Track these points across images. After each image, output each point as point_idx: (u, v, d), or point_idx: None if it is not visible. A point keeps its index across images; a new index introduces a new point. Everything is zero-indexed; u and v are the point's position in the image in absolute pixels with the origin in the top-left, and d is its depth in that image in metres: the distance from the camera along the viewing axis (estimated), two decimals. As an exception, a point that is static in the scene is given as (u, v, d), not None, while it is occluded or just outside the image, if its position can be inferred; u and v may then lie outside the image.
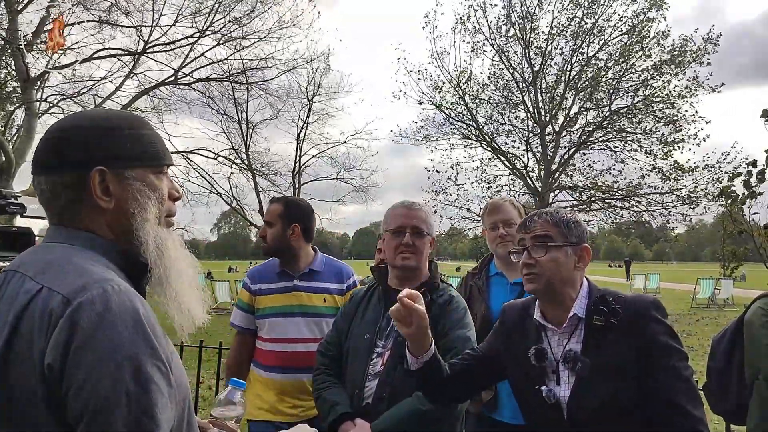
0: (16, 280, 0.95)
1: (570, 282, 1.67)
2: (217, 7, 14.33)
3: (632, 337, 1.57)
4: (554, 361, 1.66)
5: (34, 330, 0.86)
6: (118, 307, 0.88)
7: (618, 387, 1.55)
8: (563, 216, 1.71)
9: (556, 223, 1.68)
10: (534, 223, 1.70)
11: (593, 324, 1.61)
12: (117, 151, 1.03)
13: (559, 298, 1.67)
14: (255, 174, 24.22)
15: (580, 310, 1.65)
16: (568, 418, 1.61)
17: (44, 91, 13.29)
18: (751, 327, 2.10)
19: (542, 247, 1.65)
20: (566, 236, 1.66)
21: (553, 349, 1.68)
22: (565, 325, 1.66)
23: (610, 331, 1.59)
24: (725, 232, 6.33)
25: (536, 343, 1.69)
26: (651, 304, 1.62)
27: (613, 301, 1.62)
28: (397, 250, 2.13)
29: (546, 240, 1.65)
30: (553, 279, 1.64)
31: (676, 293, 21.94)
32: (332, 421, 2.01)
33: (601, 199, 17.19)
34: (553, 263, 1.64)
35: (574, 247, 1.67)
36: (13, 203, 2.20)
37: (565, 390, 1.63)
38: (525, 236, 1.70)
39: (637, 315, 1.59)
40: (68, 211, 1.02)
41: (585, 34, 16.71)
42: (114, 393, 0.83)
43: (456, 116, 17.68)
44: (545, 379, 1.67)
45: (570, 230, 1.67)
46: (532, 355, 1.67)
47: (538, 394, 1.64)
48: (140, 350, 0.87)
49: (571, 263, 1.66)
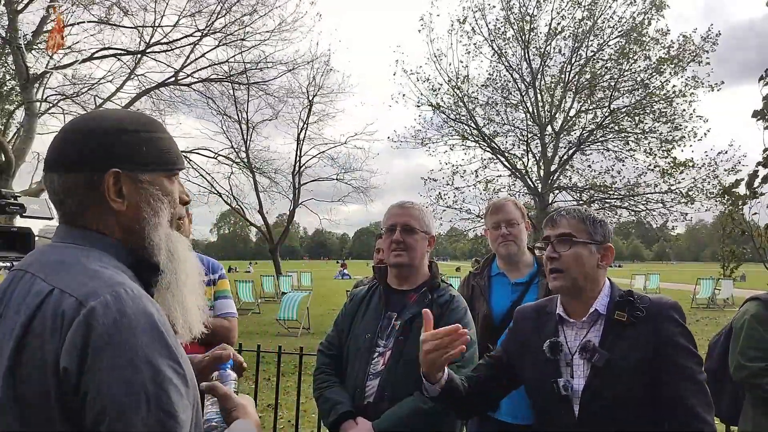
0: (26, 280, 0.95)
1: (592, 279, 1.70)
2: (218, 9, 14.34)
3: (650, 336, 1.59)
4: (569, 354, 1.68)
5: (46, 332, 0.86)
6: (133, 311, 0.88)
7: (632, 383, 1.57)
8: (589, 214, 1.74)
9: (582, 220, 1.71)
10: (560, 219, 1.73)
11: (614, 319, 1.64)
12: (132, 153, 1.03)
13: (581, 294, 1.70)
14: (255, 174, 24.20)
15: (601, 307, 1.68)
16: (580, 411, 1.62)
17: (44, 91, 13.31)
18: (735, 328, 2.29)
19: (566, 243, 1.68)
20: (591, 234, 1.69)
21: (569, 342, 1.70)
22: (584, 319, 1.69)
23: (629, 328, 1.62)
24: (725, 232, 6.34)
25: (552, 337, 1.72)
26: (672, 306, 1.65)
27: (637, 299, 1.65)
28: (390, 248, 2.15)
29: (571, 236, 1.68)
30: (576, 275, 1.67)
31: (676, 293, 21.93)
32: (334, 420, 2.02)
33: (600, 199, 17.20)
34: (577, 259, 1.67)
35: (597, 245, 1.70)
36: (13, 203, 2.20)
37: (579, 382, 1.64)
38: (551, 232, 1.73)
39: (658, 315, 1.62)
40: (80, 211, 1.02)
41: (584, 35, 16.72)
42: (134, 396, 0.84)
43: (455, 117, 17.69)
44: (560, 372, 1.68)
45: (595, 228, 1.70)
46: (547, 348, 1.69)
47: (552, 387, 1.66)
48: (157, 353, 0.87)
49: (594, 261, 1.69)
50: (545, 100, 17.69)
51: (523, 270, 2.64)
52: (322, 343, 2.31)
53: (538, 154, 17.81)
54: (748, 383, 2.25)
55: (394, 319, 2.12)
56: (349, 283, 23.23)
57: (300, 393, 3.72)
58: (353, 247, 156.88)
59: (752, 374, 2.21)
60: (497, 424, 2.46)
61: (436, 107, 17.50)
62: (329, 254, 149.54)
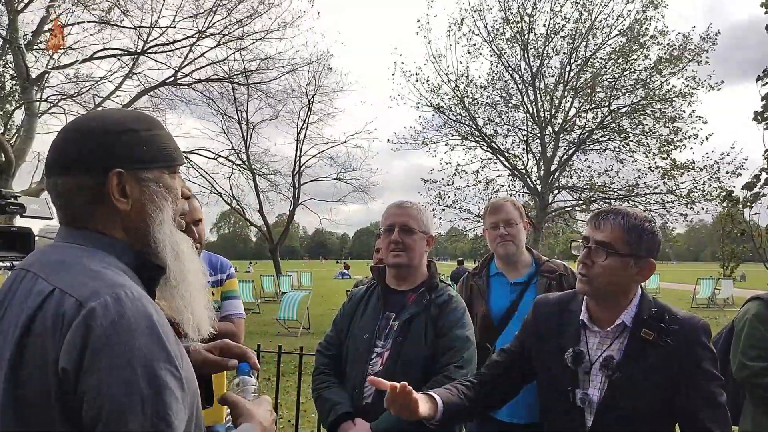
0: (28, 280, 0.95)
1: (623, 290, 1.61)
2: (216, 8, 14.33)
3: (677, 357, 1.54)
4: (589, 364, 1.62)
5: (47, 332, 0.87)
6: (133, 313, 0.88)
7: (650, 399, 1.54)
8: (639, 224, 1.58)
9: (628, 230, 1.56)
10: (605, 223, 1.59)
11: (640, 335, 1.57)
12: (134, 153, 1.03)
13: (609, 303, 1.63)
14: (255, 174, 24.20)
15: (628, 319, 1.61)
16: (594, 422, 1.58)
17: (44, 91, 13.30)
18: (736, 327, 2.28)
19: (603, 253, 1.57)
20: (633, 247, 1.56)
21: (591, 351, 1.64)
22: (609, 329, 1.62)
23: (655, 347, 1.56)
24: (724, 231, 6.34)
25: (574, 344, 1.65)
26: (701, 329, 1.59)
27: (668, 321, 1.57)
28: (388, 248, 2.15)
29: (609, 247, 1.56)
30: (605, 286, 1.59)
31: (676, 293, 21.92)
32: (332, 420, 2.02)
33: (600, 198, 17.20)
34: (609, 272, 1.57)
35: (637, 259, 1.57)
36: (13, 203, 2.20)
37: (595, 392, 1.61)
38: (591, 234, 1.61)
39: (686, 337, 1.56)
40: (83, 212, 1.02)
41: (582, 36, 16.71)
42: (129, 398, 0.84)
43: (455, 118, 17.68)
44: (578, 382, 1.63)
45: (640, 241, 1.57)
46: (569, 357, 1.62)
47: (568, 395, 1.61)
48: (155, 356, 0.88)
49: (629, 275, 1.58)
50: (545, 100, 17.68)
51: (521, 270, 2.65)
52: (320, 343, 2.31)
53: (538, 154, 17.80)
54: (749, 383, 2.26)
55: (393, 320, 2.12)
56: (349, 283, 23.22)
57: (300, 393, 3.72)
58: (353, 247, 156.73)
59: (753, 374, 2.21)
60: (497, 424, 2.46)
61: (436, 108, 17.50)
62: (328, 254, 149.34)
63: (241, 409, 1.15)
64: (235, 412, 1.16)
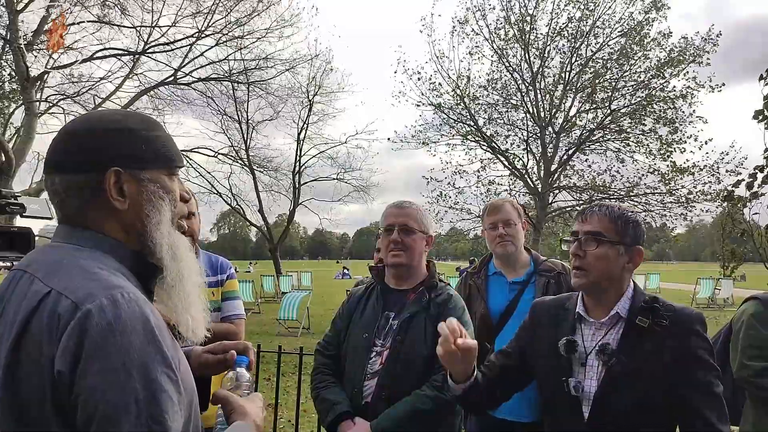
0: (25, 281, 0.95)
1: (617, 280, 1.65)
2: (215, 7, 14.34)
3: (672, 347, 1.56)
4: (584, 354, 1.65)
5: (43, 333, 0.87)
6: (128, 316, 0.88)
7: (647, 389, 1.55)
8: (623, 213, 1.65)
9: (613, 219, 1.63)
10: (591, 215, 1.66)
11: (635, 324, 1.60)
12: (132, 152, 1.03)
13: (603, 294, 1.66)
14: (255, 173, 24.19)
15: (622, 310, 1.64)
16: (590, 414, 1.60)
17: (44, 91, 13.30)
18: (734, 327, 2.30)
19: (594, 242, 1.62)
20: (621, 235, 1.62)
21: (585, 342, 1.67)
22: (604, 320, 1.65)
23: (650, 334, 1.58)
24: (724, 231, 6.33)
25: (568, 335, 1.68)
26: (696, 318, 1.61)
27: (662, 306, 1.61)
28: (388, 248, 2.15)
29: (599, 235, 1.62)
30: (599, 275, 1.63)
31: (676, 293, 21.90)
32: (332, 420, 2.02)
33: (600, 198, 17.20)
34: (602, 259, 1.61)
35: (626, 247, 1.63)
36: (13, 203, 2.20)
37: (591, 383, 1.62)
38: (580, 227, 1.67)
39: (682, 325, 1.59)
40: (81, 211, 1.02)
41: (583, 36, 16.71)
42: (124, 401, 0.83)
43: (456, 117, 17.68)
44: (573, 371, 1.66)
45: (627, 229, 1.63)
46: (562, 345, 1.65)
47: (563, 385, 1.63)
48: (150, 359, 0.87)
49: (621, 263, 1.63)
50: (545, 100, 17.67)
51: (520, 270, 2.65)
52: (320, 343, 2.31)
53: (538, 154, 17.80)
54: (750, 383, 2.26)
55: (392, 319, 2.12)
56: (349, 282, 23.22)
57: (300, 393, 3.71)
58: (353, 247, 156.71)
59: (754, 373, 2.22)
60: (496, 423, 2.47)
61: (437, 107, 17.50)
62: (328, 254, 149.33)
63: (233, 405, 1.14)
64: (227, 409, 1.15)
